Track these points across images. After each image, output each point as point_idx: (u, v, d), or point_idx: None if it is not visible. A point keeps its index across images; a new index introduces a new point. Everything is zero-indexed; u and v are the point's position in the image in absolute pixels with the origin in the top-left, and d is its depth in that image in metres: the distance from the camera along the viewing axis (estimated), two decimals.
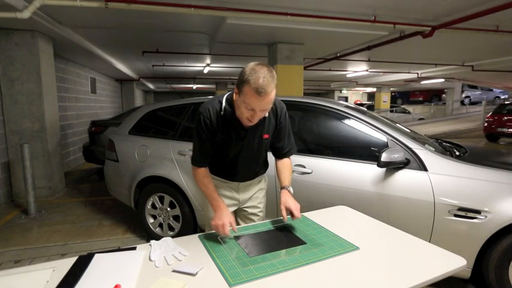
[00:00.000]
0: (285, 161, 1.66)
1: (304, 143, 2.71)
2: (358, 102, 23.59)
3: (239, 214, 1.77)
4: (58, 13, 4.01)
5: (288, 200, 1.49)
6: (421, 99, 21.50)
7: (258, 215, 1.75)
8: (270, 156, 1.73)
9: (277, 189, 2.46)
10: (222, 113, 1.45)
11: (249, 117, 1.35)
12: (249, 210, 1.73)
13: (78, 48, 5.58)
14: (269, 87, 1.25)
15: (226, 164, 1.60)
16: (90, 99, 8.25)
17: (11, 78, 4.27)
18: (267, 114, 1.50)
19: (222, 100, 1.47)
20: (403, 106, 19.60)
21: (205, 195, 1.53)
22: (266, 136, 1.54)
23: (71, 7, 3.52)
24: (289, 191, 1.53)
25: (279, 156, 1.67)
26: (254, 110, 1.31)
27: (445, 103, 18.11)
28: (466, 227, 1.93)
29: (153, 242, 1.32)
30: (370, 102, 20.33)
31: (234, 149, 1.53)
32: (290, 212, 1.47)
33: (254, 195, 1.73)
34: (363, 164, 2.26)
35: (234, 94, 1.39)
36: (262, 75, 1.24)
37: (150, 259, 1.21)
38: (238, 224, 1.75)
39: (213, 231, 1.51)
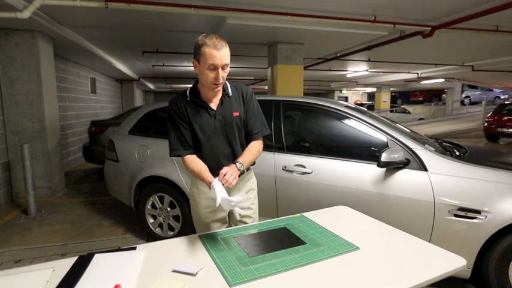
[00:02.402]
0: (254, 142, 1.63)
1: (304, 143, 2.71)
2: (358, 102, 23.59)
3: (232, 218, 1.73)
4: (58, 13, 4.01)
5: (227, 168, 1.40)
6: (421, 99, 21.50)
7: (251, 217, 1.71)
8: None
9: (277, 190, 2.46)
10: (188, 99, 1.57)
11: (214, 79, 1.43)
12: (242, 212, 1.65)
13: (78, 48, 5.58)
14: (223, 42, 1.41)
15: (207, 153, 1.58)
16: (90, 99, 8.25)
17: (11, 78, 4.27)
18: (230, 93, 1.59)
19: (186, 90, 1.61)
20: (403, 106, 19.60)
21: (196, 175, 1.52)
22: (236, 114, 1.59)
23: (71, 7, 3.52)
24: (236, 166, 1.45)
25: (250, 138, 1.64)
26: (216, 67, 1.40)
27: (445, 103, 18.11)
28: (466, 227, 1.93)
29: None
30: (370, 102, 20.32)
31: (208, 129, 1.55)
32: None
33: (246, 196, 1.69)
34: (363, 164, 2.26)
35: (194, 68, 1.50)
36: (213, 36, 1.41)
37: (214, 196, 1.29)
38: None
39: (213, 231, 1.51)
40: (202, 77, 1.48)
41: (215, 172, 1.57)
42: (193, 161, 1.55)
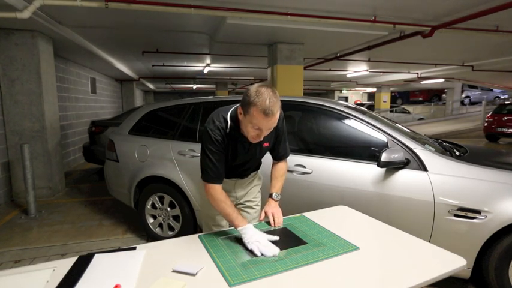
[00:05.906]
0: (280, 166, 1.74)
1: (304, 143, 2.71)
2: (358, 102, 23.58)
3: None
4: (58, 13, 4.01)
5: (270, 207, 1.61)
6: (421, 99, 21.50)
7: (254, 208, 1.80)
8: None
9: None
10: (227, 130, 1.48)
11: (255, 136, 1.39)
12: (246, 203, 1.80)
13: (78, 48, 5.58)
14: (275, 108, 1.30)
15: (229, 165, 1.60)
16: (90, 99, 8.25)
17: (11, 78, 4.27)
18: None
19: (226, 117, 1.49)
20: (403, 106, 19.59)
21: (224, 214, 1.47)
22: (266, 145, 1.61)
23: (71, 7, 3.52)
24: (273, 199, 1.64)
25: (274, 158, 1.76)
26: (261, 129, 1.35)
27: (445, 103, 18.10)
28: (466, 227, 1.93)
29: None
30: (370, 102, 20.32)
31: (239, 159, 1.59)
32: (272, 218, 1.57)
33: (249, 191, 1.80)
34: (363, 164, 2.26)
35: (239, 114, 1.40)
36: (267, 96, 1.28)
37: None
38: None
39: (213, 230, 1.51)
40: (243, 128, 1.41)
41: (226, 177, 1.61)
42: (223, 200, 1.47)
